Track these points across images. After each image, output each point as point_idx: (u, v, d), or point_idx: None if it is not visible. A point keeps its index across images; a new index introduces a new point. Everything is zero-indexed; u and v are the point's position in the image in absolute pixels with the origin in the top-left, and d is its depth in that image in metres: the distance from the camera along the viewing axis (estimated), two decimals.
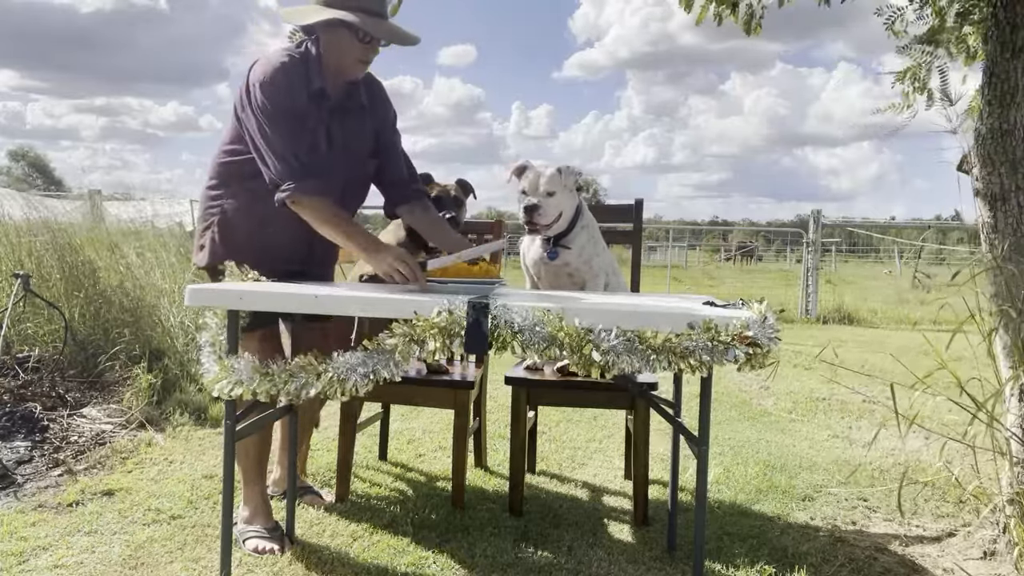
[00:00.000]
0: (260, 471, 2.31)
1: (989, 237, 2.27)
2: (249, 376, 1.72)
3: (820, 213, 9.99)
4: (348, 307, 1.90)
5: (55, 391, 3.51)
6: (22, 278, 3.80)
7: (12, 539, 2.21)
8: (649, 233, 26.00)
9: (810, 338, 7.32)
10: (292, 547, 2.19)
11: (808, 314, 9.64)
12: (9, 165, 53.08)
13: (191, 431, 3.37)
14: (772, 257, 32.36)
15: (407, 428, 3.60)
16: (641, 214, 2.85)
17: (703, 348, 1.59)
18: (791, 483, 2.91)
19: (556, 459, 3.18)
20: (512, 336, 1.61)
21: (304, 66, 2.16)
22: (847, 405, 4.34)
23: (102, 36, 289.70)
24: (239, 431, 1.92)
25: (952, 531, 2.45)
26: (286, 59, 2.14)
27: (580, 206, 2.54)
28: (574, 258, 2.48)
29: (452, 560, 2.14)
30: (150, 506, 2.48)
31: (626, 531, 2.41)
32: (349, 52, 2.17)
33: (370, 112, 2.34)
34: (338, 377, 1.67)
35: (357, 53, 2.17)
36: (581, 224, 2.51)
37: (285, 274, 2.16)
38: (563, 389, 2.51)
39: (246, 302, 1.82)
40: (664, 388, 2.41)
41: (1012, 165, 2.18)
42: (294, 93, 2.13)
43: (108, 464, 2.91)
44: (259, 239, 2.20)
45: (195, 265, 2.33)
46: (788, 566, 2.14)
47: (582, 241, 2.49)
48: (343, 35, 2.15)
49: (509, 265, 12.89)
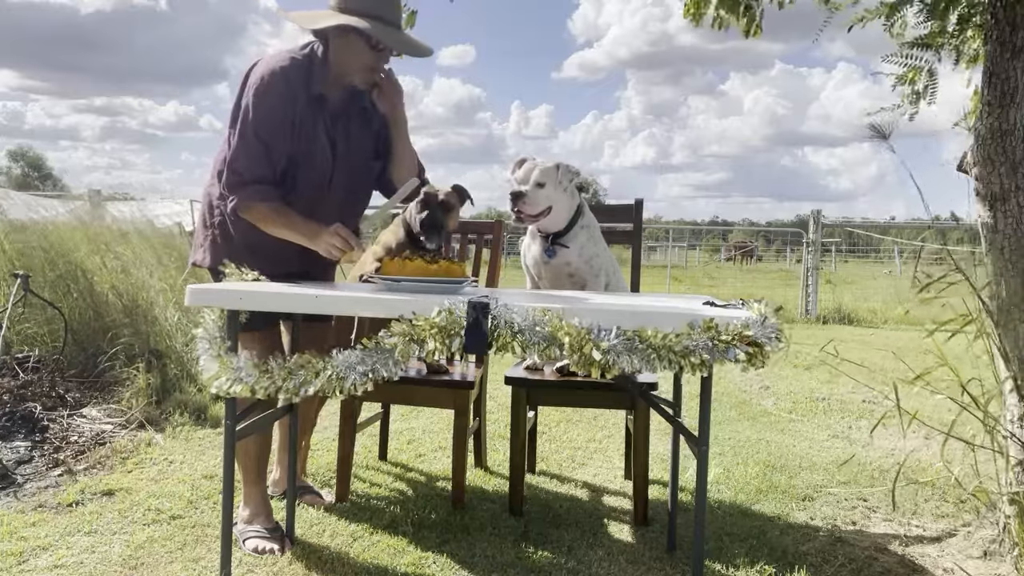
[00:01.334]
0: (260, 471, 2.31)
1: (989, 237, 2.27)
2: (248, 373, 1.72)
3: (820, 213, 9.99)
4: (348, 307, 1.91)
5: (55, 391, 3.51)
6: (22, 278, 3.80)
7: (12, 539, 2.21)
8: (649, 233, 25.99)
9: (810, 338, 7.32)
10: (292, 547, 2.19)
11: (808, 314, 9.64)
12: (9, 165, 53.08)
13: (191, 431, 3.37)
14: (772, 257, 32.35)
15: (407, 428, 3.60)
16: (641, 214, 2.86)
17: (703, 348, 1.59)
18: (791, 483, 2.91)
19: (556, 459, 3.18)
20: (512, 336, 1.61)
21: (307, 70, 2.16)
22: (847, 405, 4.34)
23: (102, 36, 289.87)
24: (239, 431, 1.92)
25: (952, 531, 2.45)
26: (287, 63, 2.14)
27: (581, 206, 2.54)
28: (575, 257, 2.48)
29: (452, 560, 2.14)
30: (150, 506, 2.48)
31: (626, 531, 2.41)
32: (359, 59, 2.16)
33: (372, 114, 2.34)
34: (337, 375, 1.66)
35: (368, 60, 2.17)
36: (581, 224, 2.51)
37: (286, 275, 2.16)
38: (563, 389, 2.51)
39: (246, 302, 1.82)
40: (664, 388, 2.41)
41: (1012, 165, 2.18)
42: (289, 101, 2.12)
43: (108, 464, 2.91)
44: (259, 239, 2.20)
45: (194, 264, 2.33)
46: (788, 566, 2.14)
47: (582, 240, 2.49)
48: (354, 42, 2.14)
49: (509, 265, 12.89)
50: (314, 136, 2.19)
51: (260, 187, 2.12)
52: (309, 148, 2.18)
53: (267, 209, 2.14)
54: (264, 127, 2.10)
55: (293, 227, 2.15)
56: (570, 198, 2.49)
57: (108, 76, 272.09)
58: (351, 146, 2.28)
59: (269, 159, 2.12)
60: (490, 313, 1.62)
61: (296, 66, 2.15)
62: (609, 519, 2.51)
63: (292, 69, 2.14)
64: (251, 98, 2.09)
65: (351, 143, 2.28)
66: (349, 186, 2.31)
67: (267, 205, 2.14)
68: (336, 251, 2.12)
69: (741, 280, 17.01)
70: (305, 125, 2.16)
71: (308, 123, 2.17)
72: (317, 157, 2.20)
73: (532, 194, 2.42)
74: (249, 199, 2.12)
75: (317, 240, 2.13)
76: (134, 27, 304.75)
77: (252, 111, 2.09)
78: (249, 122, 2.10)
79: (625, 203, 2.89)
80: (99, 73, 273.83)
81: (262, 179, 2.13)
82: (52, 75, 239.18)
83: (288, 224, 2.15)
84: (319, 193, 2.24)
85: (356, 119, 2.30)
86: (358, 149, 2.31)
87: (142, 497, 2.56)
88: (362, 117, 2.31)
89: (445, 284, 1.93)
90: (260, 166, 2.12)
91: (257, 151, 2.11)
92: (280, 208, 2.16)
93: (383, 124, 2.37)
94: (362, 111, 2.31)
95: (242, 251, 2.18)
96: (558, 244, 2.49)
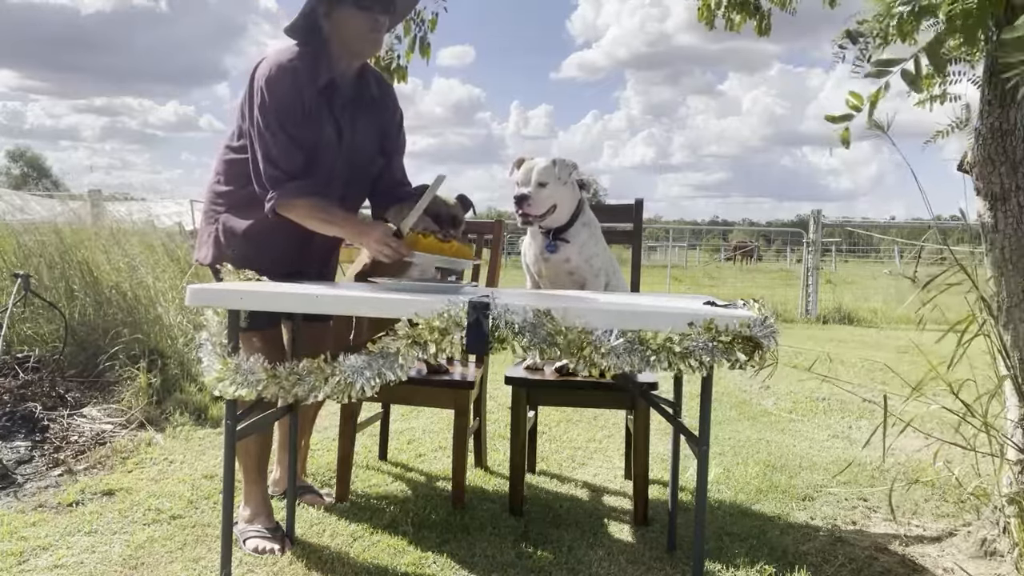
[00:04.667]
0: (261, 470, 2.31)
1: (989, 237, 2.27)
2: (256, 379, 1.72)
3: (820, 213, 9.99)
4: (348, 307, 1.91)
5: (55, 391, 3.50)
6: (22, 278, 3.80)
7: (12, 539, 2.21)
8: (649, 233, 25.98)
9: (810, 338, 7.32)
10: (292, 547, 2.19)
11: (808, 314, 9.64)
12: (8, 165, 53.05)
13: (191, 431, 3.37)
14: (772, 257, 32.35)
15: (407, 428, 3.60)
16: (641, 214, 2.85)
17: (703, 348, 1.59)
18: (791, 483, 2.91)
19: (556, 459, 3.18)
20: (513, 336, 1.61)
21: (313, 60, 2.16)
22: (847, 405, 4.34)
23: (102, 37, 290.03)
24: (239, 431, 1.92)
25: (952, 531, 2.45)
26: (294, 56, 2.15)
27: (582, 201, 2.54)
28: (575, 255, 2.48)
29: (452, 560, 2.14)
30: (150, 506, 2.48)
31: (626, 531, 2.41)
32: (357, 29, 2.15)
33: (380, 107, 2.34)
34: (345, 380, 1.67)
35: (361, 24, 2.15)
36: (582, 221, 2.51)
37: (288, 273, 2.17)
38: (563, 389, 2.51)
39: (246, 302, 1.82)
40: (664, 388, 2.41)
41: (1012, 165, 2.18)
42: (300, 92, 2.12)
43: (108, 464, 2.91)
44: (263, 237, 2.20)
45: (197, 262, 2.33)
46: (788, 566, 2.14)
47: (583, 238, 2.50)
48: (346, 14, 2.14)
49: (509, 265, 12.89)
50: (322, 125, 2.19)
51: (298, 183, 2.13)
52: (318, 138, 2.18)
53: (308, 204, 2.14)
54: (287, 119, 2.10)
55: (337, 223, 2.17)
56: (571, 191, 2.50)
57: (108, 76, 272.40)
58: (356, 136, 2.27)
59: (299, 150, 2.13)
60: (490, 313, 1.62)
61: (302, 56, 2.15)
62: (609, 519, 2.51)
63: (299, 59, 2.14)
64: (266, 93, 2.09)
65: (356, 133, 2.28)
66: (350, 178, 2.30)
67: (308, 200, 2.14)
68: (384, 256, 2.12)
69: (741, 280, 17.01)
70: (315, 114, 2.17)
71: (317, 112, 2.17)
72: (323, 147, 2.20)
73: (536, 195, 2.43)
74: (289, 196, 2.12)
75: (366, 239, 2.14)
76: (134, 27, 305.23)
77: (271, 105, 2.09)
78: (271, 116, 2.09)
79: (625, 203, 2.89)
80: (99, 73, 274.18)
81: (297, 173, 2.13)
82: (52, 75, 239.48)
83: (335, 220, 2.17)
84: (324, 185, 2.24)
85: (364, 109, 2.30)
86: (363, 140, 2.30)
87: (142, 497, 2.56)
88: (370, 108, 2.31)
89: (445, 284, 1.94)
90: (293, 159, 2.12)
91: (286, 144, 2.11)
92: (321, 203, 2.16)
93: (387, 122, 2.37)
94: (371, 101, 2.31)
95: (243, 248, 2.19)
96: (560, 239, 2.49)
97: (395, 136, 2.42)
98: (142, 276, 4.38)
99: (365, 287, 2.11)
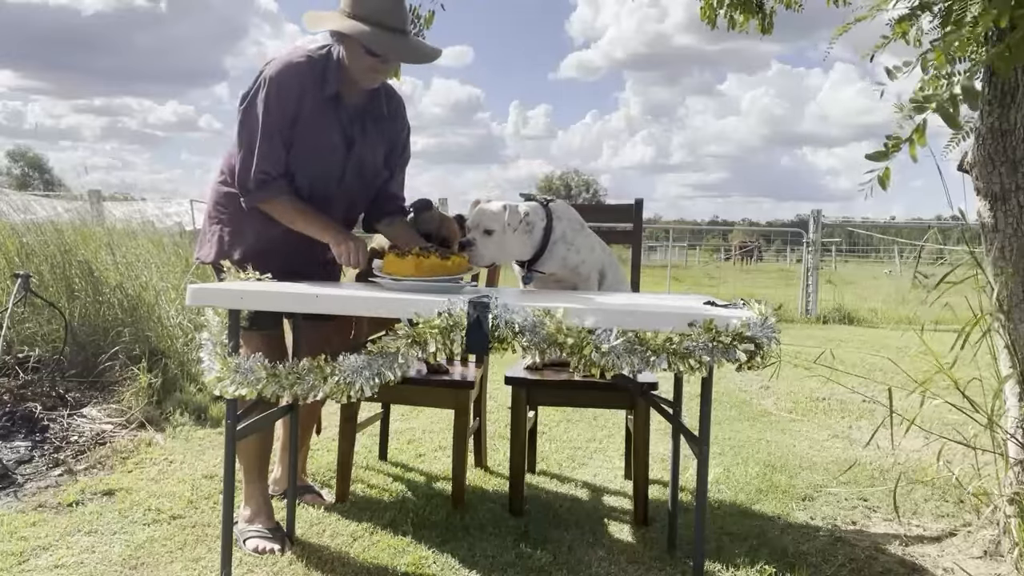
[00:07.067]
0: (261, 470, 2.31)
1: (989, 237, 2.27)
2: (256, 378, 1.72)
3: (820, 213, 10.00)
4: (348, 307, 1.91)
5: (55, 391, 3.51)
6: (22, 278, 3.80)
7: (12, 539, 2.21)
8: (649, 233, 25.99)
9: (810, 338, 7.32)
10: (292, 547, 2.19)
11: (808, 314, 9.64)
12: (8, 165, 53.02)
13: (191, 431, 3.37)
14: (772, 257, 32.35)
15: (407, 428, 3.60)
16: (641, 214, 2.85)
17: (703, 348, 1.59)
18: (791, 483, 2.91)
19: (556, 459, 3.18)
20: (513, 336, 1.61)
21: (322, 68, 2.18)
22: (847, 405, 4.34)
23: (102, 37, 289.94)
24: (239, 431, 1.92)
25: (952, 531, 2.46)
26: (303, 60, 2.17)
27: (550, 225, 2.42)
28: (558, 269, 2.45)
29: (452, 560, 2.14)
30: (150, 506, 2.48)
31: (626, 531, 2.41)
32: (360, 62, 2.17)
33: (390, 120, 2.36)
34: (345, 380, 1.67)
35: (367, 63, 2.17)
36: (554, 239, 2.42)
37: (291, 272, 2.17)
38: (563, 389, 2.51)
39: (247, 301, 1.82)
40: (664, 388, 2.41)
41: (1012, 165, 2.18)
42: (298, 96, 2.14)
43: (108, 464, 2.91)
44: (267, 236, 2.21)
45: (198, 260, 2.34)
46: (788, 566, 2.14)
47: (560, 254, 2.43)
48: (355, 47, 2.15)
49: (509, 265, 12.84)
50: (327, 134, 2.20)
51: (280, 182, 2.16)
52: (317, 145, 2.19)
53: (285, 203, 2.17)
54: (276, 121, 2.13)
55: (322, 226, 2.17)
56: (523, 236, 2.36)
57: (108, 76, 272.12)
58: (366, 147, 2.30)
59: (283, 148, 2.16)
60: (490, 313, 1.62)
61: (311, 63, 2.17)
62: (609, 519, 2.51)
63: (307, 66, 2.16)
64: (267, 90, 2.12)
65: (367, 144, 2.30)
66: (358, 188, 2.32)
67: (286, 199, 2.17)
68: (344, 258, 2.14)
69: (741, 280, 17.00)
70: (315, 123, 2.17)
71: (319, 121, 2.18)
72: (326, 155, 2.21)
73: (481, 243, 2.30)
74: (268, 193, 2.15)
75: (340, 238, 2.14)
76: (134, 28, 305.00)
77: (266, 107, 2.12)
78: (270, 118, 2.12)
79: (625, 203, 2.89)
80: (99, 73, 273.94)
81: (273, 170, 2.15)
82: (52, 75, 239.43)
83: (311, 220, 2.17)
84: (327, 193, 2.25)
85: (374, 121, 2.31)
86: (372, 152, 2.33)
87: (142, 497, 2.56)
88: (380, 121, 2.33)
89: (446, 284, 1.94)
90: (275, 155, 2.14)
91: (271, 140, 2.13)
92: (300, 204, 2.18)
93: (395, 137, 2.39)
94: (382, 115, 2.33)
95: (247, 246, 2.20)
96: (534, 271, 2.44)
97: (401, 150, 2.44)
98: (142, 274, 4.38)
99: (365, 287, 2.11)
